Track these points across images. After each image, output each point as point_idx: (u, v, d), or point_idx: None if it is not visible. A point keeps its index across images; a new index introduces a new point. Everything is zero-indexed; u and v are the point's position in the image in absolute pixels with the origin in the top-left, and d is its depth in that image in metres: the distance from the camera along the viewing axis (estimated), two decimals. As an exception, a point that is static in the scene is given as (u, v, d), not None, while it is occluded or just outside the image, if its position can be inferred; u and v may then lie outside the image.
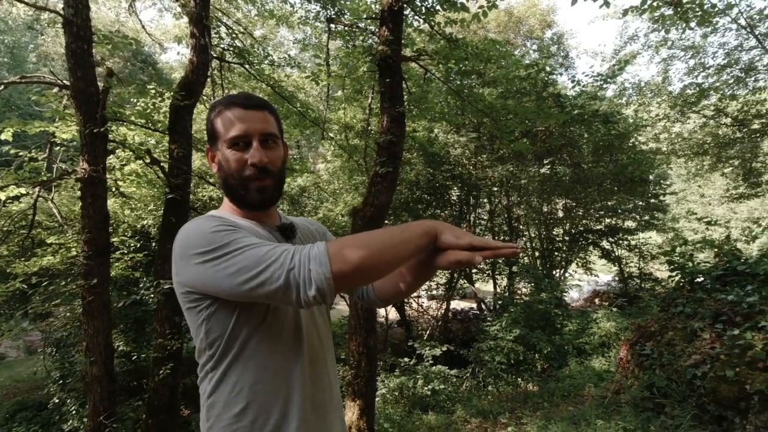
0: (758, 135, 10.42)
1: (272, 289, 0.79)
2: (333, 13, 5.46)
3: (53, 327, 6.31)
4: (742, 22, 8.92)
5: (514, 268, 10.87)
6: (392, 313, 12.21)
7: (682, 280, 4.34)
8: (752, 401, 2.76)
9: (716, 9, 4.40)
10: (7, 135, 4.33)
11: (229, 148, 0.97)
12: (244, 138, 0.97)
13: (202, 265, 0.84)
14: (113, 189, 5.36)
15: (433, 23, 4.92)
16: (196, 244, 0.85)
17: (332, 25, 5.42)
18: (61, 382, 6.14)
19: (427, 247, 0.89)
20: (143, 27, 6.43)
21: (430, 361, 7.62)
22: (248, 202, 1.00)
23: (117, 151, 5.55)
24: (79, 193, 4.26)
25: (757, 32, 8.95)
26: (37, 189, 4.57)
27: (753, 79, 9.85)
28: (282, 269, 0.78)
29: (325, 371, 1.04)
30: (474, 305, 13.13)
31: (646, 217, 12.20)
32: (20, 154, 4.83)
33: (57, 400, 6.06)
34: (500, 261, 11.72)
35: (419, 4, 4.91)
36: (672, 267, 4.46)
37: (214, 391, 0.93)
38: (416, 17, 5.14)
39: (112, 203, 6.46)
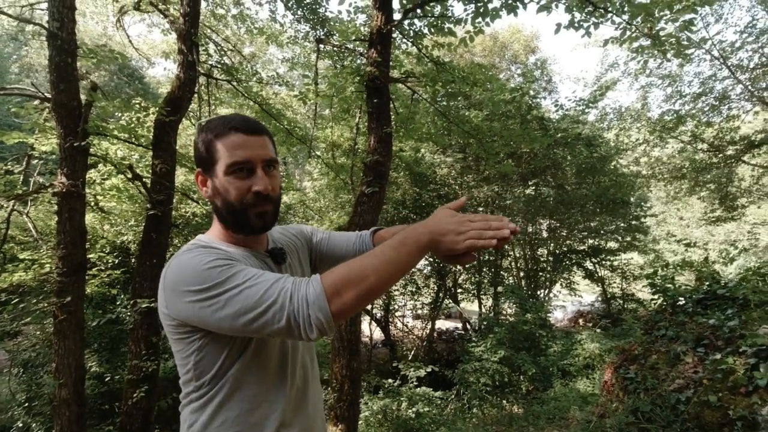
0: (732, 161, 10.79)
1: (274, 330, 0.79)
2: (322, 33, 5.53)
3: (22, 347, 6.03)
4: (716, 53, 9.33)
5: (500, 288, 10.88)
6: (377, 333, 12.04)
7: (664, 303, 4.38)
8: (735, 427, 2.76)
9: (691, 42, 4.59)
10: (-17, 146, 4.21)
11: (228, 174, 0.93)
12: (247, 164, 0.93)
13: (196, 303, 0.82)
14: (92, 204, 5.22)
15: (420, 46, 5.01)
16: (190, 281, 0.82)
17: (321, 46, 5.48)
18: (26, 405, 5.82)
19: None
20: (130, 41, 6.39)
21: (415, 383, 7.50)
22: (248, 228, 0.97)
23: (98, 165, 5.43)
24: (56, 207, 4.13)
25: (729, 63, 9.37)
26: (11, 202, 4.42)
27: (726, 107, 10.27)
28: (282, 311, 0.77)
29: (309, 395, 1.06)
30: (459, 325, 13.06)
31: (628, 239, 12.43)
32: (-4, 166, 4.69)
33: (21, 425, 5.72)
34: (485, 281, 11.75)
35: (407, 27, 5.01)
36: (654, 290, 4.51)
37: (198, 419, 0.92)
38: (404, 40, 5.24)
39: (90, 218, 6.29)
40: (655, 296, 4.50)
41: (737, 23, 21.08)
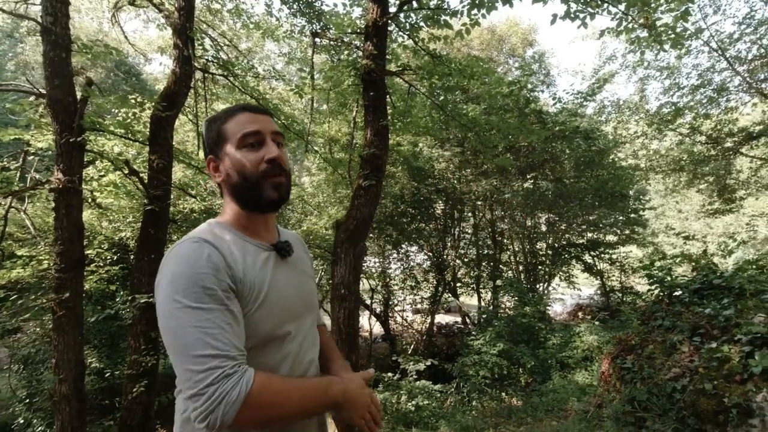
0: (731, 153, 10.79)
1: (180, 386, 0.85)
2: (318, 27, 5.51)
3: (21, 343, 6.05)
4: (714, 45, 9.31)
5: (499, 282, 10.90)
6: (377, 328, 12.09)
7: (661, 294, 4.39)
8: (730, 414, 2.78)
9: (688, 33, 4.58)
10: (-21, 143, 4.21)
11: (240, 148, 0.98)
12: (257, 135, 0.99)
13: (169, 303, 0.83)
14: (89, 200, 5.22)
15: (417, 39, 4.99)
16: (179, 284, 0.83)
17: (317, 40, 5.46)
18: (27, 401, 5.84)
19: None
20: (126, 37, 6.36)
21: (414, 376, 7.53)
22: (265, 200, 0.99)
23: (95, 161, 5.42)
24: (53, 203, 4.13)
25: (727, 55, 9.35)
26: (8, 199, 4.42)
27: (725, 99, 10.24)
28: (198, 383, 0.79)
29: None
30: (458, 319, 13.10)
31: (627, 232, 12.43)
32: (-8, 163, 4.68)
33: (22, 421, 5.75)
34: (485, 275, 11.78)
35: (404, 20, 4.99)
36: (651, 281, 4.52)
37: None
38: (401, 33, 5.22)
39: (88, 215, 6.29)
40: (652, 287, 4.52)
41: (735, 14, 21.06)
